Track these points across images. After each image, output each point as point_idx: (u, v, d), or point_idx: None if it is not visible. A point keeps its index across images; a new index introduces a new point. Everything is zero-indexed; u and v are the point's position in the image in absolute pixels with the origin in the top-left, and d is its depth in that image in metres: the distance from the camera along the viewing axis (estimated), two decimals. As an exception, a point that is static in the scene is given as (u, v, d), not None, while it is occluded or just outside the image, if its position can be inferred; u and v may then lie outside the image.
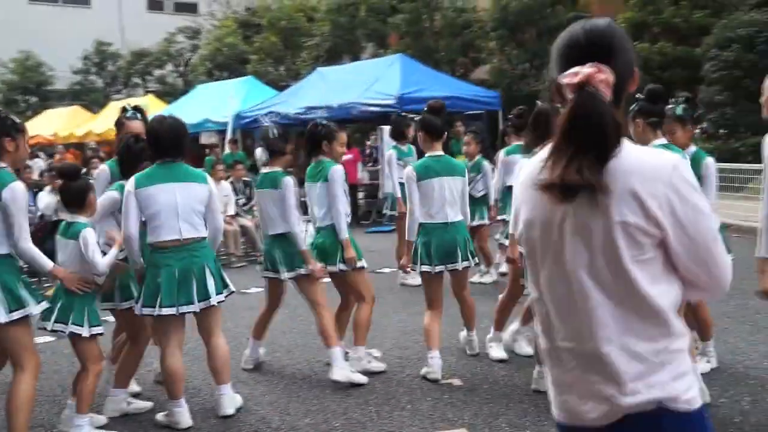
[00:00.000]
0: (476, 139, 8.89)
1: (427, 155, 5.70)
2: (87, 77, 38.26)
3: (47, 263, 4.32)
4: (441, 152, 5.72)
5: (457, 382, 5.35)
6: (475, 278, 8.87)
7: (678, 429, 1.79)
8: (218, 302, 4.70)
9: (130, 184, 4.57)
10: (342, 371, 5.26)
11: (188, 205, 4.58)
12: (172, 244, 4.55)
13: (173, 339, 4.65)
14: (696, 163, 4.66)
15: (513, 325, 5.91)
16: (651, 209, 1.70)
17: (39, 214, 10.38)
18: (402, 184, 8.91)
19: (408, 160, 9.14)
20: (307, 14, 29.95)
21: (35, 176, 13.83)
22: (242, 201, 12.10)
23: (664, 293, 1.77)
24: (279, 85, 24.83)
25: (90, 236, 4.39)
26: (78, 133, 25.50)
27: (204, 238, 4.70)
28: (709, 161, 4.94)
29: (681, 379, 1.77)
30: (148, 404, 5.08)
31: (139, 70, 37.68)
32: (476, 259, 5.97)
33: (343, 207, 5.49)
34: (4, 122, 4.18)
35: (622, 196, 1.71)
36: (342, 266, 5.51)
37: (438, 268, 5.49)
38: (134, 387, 5.28)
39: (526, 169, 1.95)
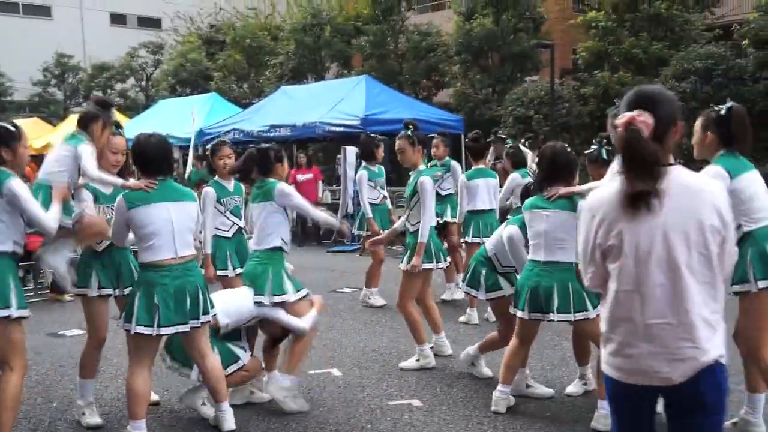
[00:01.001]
0: (444, 142, 9.09)
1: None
2: (47, 89, 37.81)
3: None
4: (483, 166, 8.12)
5: (416, 402, 5.34)
6: (446, 296, 8.93)
7: (724, 378, 2.55)
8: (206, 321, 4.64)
9: (120, 203, 4.53)
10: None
11: (183, 223, 4.55)
12: (168, 263, 4.50)
13: (146, 359, 4.57)
14: None
15: (470, 349, 5.92)
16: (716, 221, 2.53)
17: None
18: (373, 204, 8.97)
19: (379, 180, 9.14)
20: (271, 33, 30.02)
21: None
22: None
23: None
24: (242, 103, 24.76)
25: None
26: (37, 145, 24.97)
27: (195, 256, 4.67)
28: None
29: (723, 340, 2.56)
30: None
31: (101, 84, 37.33)
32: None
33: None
34: None
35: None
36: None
37: None
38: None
39: (606, 192, 2.65)
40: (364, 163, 9.48)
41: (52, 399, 5.61)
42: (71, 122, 26.39)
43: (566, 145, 5.34)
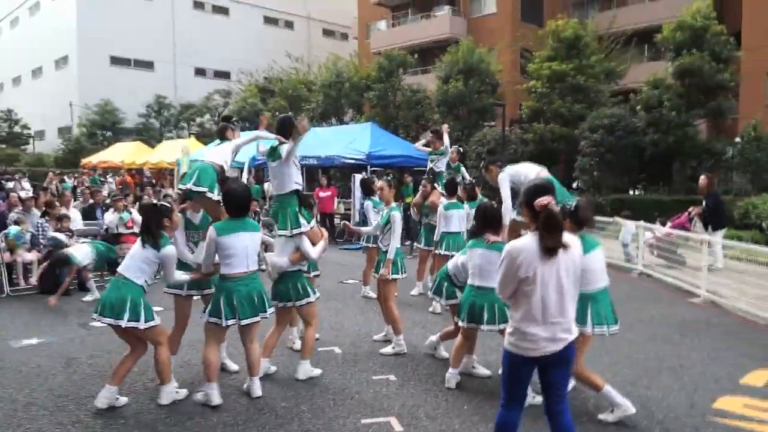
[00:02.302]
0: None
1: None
2: (148, 120, 37.70)
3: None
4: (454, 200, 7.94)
5: (392, 377, 5.25)
6: (414, 291, 8.79)
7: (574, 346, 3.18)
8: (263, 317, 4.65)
9: (211, 232, 4.50)
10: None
11: (252, 248, 4.58)
12: (241, 275, 4.49)
13: (219, 339, 4.73)
14: None
15: (433, 337, 5.84)
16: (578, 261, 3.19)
17: (104, 227, 9.95)
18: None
19: (381, 207, 8.89)
20: (307, 86, 29.84)
21: (104, 193, 13.44)
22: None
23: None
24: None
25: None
26: (138, 162, 25.02)
27: (257, 270, 4.65)
28: None
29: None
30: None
31: (185, 118, 37.28)
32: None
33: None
34: None
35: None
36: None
37: None
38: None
39: (525, 243, 3.07)
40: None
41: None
42: (165, 145, 26.35)
43: (494, 203, 5.35)
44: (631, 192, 20.14)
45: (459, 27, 31.34)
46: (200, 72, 44.73)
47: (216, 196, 4.85)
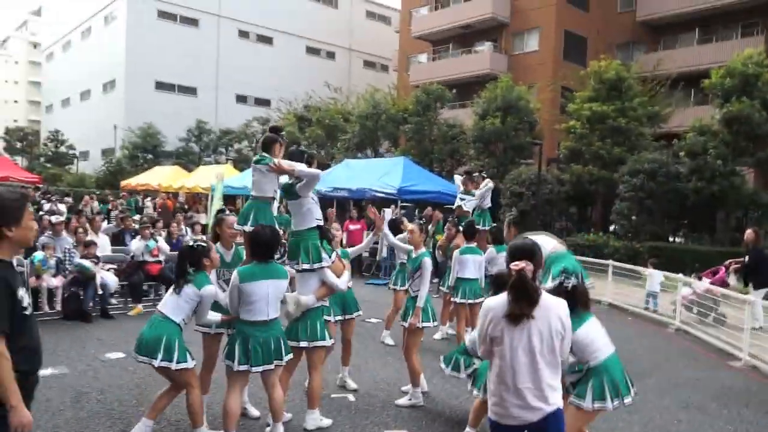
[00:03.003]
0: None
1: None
2: (188, 144, 38.57)
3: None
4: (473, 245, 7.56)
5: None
6: (437, 335, 8.61)
7: (561, 418, 2.98)
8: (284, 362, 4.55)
9: (235, 277, 4.41)
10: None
11: (275, 296, 4.47)
12: (260, 323, 4.40)
13: (239, 386, 4.53)
14: None
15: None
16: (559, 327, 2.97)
17: (130, 254, 10.03)
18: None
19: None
20: (344, 116, 30.15)
21: (136, 217, 13.63)
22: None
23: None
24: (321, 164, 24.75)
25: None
26: (174, 186, 25.54)
27: (277, 317, 4.54)
28: None
29: (560, 397, 3.00)
30: None
31: (224, 143, 37.98)
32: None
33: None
34: None
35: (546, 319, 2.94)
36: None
37: None
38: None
39: (497, 302, 3.01)
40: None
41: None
42: (201, 170, 26.86)
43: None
44: (671, 239, 19.54)
45: (499, 63, 31.40)
46: (241, 99, 45.78)
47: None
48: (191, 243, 4.74)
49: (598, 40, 31.37)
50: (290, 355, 4.60)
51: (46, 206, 16.77)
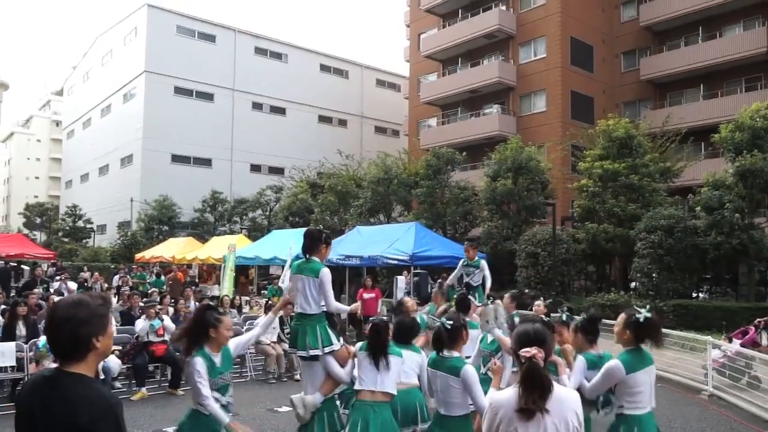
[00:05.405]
0: (472, 246, 9.50)
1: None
2: (203, 214, 38.88)
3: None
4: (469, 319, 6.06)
5: None
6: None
7: None
8: None
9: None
10: None
11: None
12: None
13: None
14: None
15: None
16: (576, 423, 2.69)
17: (135, 335, 9.67)
18: None
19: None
20: (356, 182, 30.34)
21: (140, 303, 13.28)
22: (287, 330, 11.43)
23: None
24: (334, 230, 24.72)
25: None
26: (188, 258, 25.52)
27: None
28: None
29: None
30: None
31: (239, 212, 38.25)
32: None
33: None
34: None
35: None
36: None
37: None
38: None
39: (506, 397, 2.73)
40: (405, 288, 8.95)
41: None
42: (214, 241, 26.88)
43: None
44: (695, 295, 18.94)
45: (508, 125, 31.71)
46: (255, 168, 46.49)
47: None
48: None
49: (604, 98, 31.71)
50: None
51: (55, 285, 16.60)
